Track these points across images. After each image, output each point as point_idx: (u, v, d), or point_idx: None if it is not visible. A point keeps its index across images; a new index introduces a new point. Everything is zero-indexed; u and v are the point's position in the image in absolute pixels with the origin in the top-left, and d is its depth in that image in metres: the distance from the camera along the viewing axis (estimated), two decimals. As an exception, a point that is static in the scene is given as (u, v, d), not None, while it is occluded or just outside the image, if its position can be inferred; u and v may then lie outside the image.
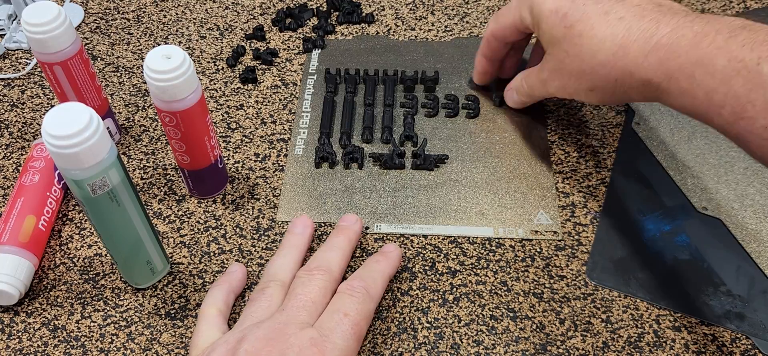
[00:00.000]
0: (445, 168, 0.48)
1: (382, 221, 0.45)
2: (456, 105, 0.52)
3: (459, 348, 0.39)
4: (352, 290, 0.37)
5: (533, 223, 0.45)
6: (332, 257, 0.39)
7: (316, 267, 0.38)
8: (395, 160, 0.48)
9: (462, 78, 0.55)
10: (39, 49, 0.42)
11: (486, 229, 0.44)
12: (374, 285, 0.38)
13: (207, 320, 0.37)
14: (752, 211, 0.45)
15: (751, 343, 0.39)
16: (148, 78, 0.39)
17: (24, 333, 0.40)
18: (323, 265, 0.38)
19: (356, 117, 0.52)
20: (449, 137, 0.50)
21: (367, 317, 0.37)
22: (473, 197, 0.46)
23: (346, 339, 0.34)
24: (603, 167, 0.48)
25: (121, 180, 0.35)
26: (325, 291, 0.37)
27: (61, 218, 0.46)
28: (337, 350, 0.33)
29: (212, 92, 0.55)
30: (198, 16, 0.62)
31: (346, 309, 0.35)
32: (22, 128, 0.53)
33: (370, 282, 0.38)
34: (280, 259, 0.40)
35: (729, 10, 0.60)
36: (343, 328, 0.34)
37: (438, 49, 0.57)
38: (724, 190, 0.46)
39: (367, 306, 0.37)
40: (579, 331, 0.40)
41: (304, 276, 0.38)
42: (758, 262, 0.42)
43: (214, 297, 0.39)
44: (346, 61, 0.57)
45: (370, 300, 0.37)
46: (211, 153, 0.44)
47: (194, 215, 0.46)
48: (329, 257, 0.39)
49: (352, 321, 0.35)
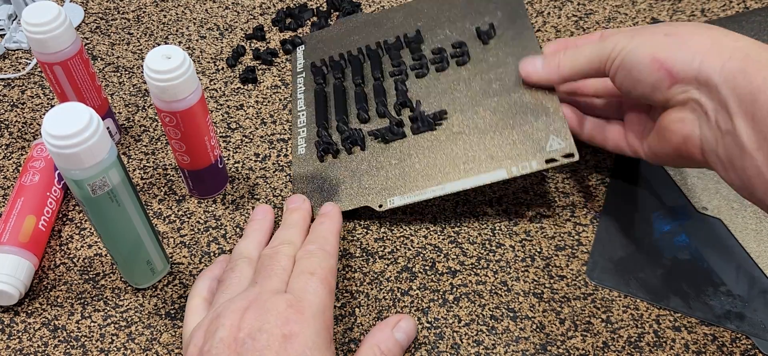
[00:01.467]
0: (446, 123, 0.46)
1: (394, 194, 0.44)
2: (444, 56, 0.50)
3: (459, 348, 0.39)
4: (310, 252, 0.38)
5: (546, 151, 0.42)
6: (292, 232, 0.40)
7: (280, 242, 0.39)
8: (394, 130, 0.46)
9: (445, 28, 0.52)
10: (39, 49, 0.42)
11: (499, 172, 0.42)
12: (327, 242, 0.39)
13: (190, 310, 0.38)
14: (752, 211, 0.45)
15: (751, 343, 0.39)
16: (148, 78, 0.39)
17: (24, 333, 0.40)
18: (285, 239, 0.39)
19: (349, 100, 0.50)
20: (444, 91, 0.48)
21: (332, 271, 0.37)
22: (480, 143, 0.44)
23: (318, 294, 0.35)
24: (603, 167, 0.48)
25: (121, 180, 0.35)
26: (291, 259, 0.38)
27: (61, 218, 0.46)
28: (314, 306, 0.34)
29: (212, 91, 0.55)
30: (198, 16, 0.62)
31: (310, 269, 0.36)
32: (22, 128, 0.53)
33: (323, 242, 0.39)
34: (245, 241, 0.41)
35: (729, 9, 0.60)
36: (313, 285, 0.35)
37: (417, 8, 0.55)
38: (724, 190, 0.46)
39: (328, 261, 0.37)
40: (579, 331, 0.40)
41: (270, 251, 0.38)
42: (758, 262, 0.42)
43: (197, 287, 0.39)
44: (329, 50, 0.55)
45: (329, 256, 0.38)
46: (211, 153, 0.44)
47: (194, 215, 0.46)
48: (290, 234, 0.40)
49: (319, 278, 0.36)
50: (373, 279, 0.42)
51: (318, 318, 0.34)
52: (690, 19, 0.60)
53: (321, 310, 0.34)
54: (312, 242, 0.39)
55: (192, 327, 0.36)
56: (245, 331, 0.32)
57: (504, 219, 0.46)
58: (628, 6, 0.61)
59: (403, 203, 0.44)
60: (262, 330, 0.32)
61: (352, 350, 0.39)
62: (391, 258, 0.44)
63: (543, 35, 0.59)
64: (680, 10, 0.61)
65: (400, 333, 0.38)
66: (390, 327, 0.38)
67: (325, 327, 0.34)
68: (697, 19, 0.60)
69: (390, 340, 0.37)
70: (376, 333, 0.37)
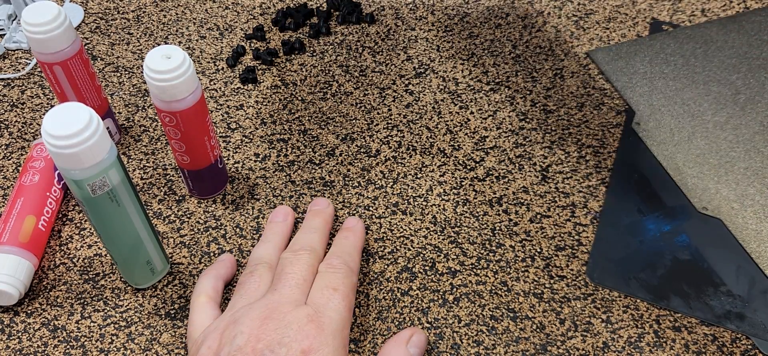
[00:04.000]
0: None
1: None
2: None
3: (459, 348, 0.39)
4: (334, 267, 0.38)
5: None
6: (313, 237, 0.40)
7: (300, 247, 0.39)
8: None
9: None
10: (39, 49, 0.42)
11: None
12: (351, 259, 0.39)
13: (197, 308, 0.37)
14: (752, 211, 0.45)
15: (751, 343, 0.39)
16: (148, 78, 0.39)
17: (24, 334, 0.40)
18: (306, 245, 0.39)
19: None
20: None
21: (353, 288, 0.38)
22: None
23: (339, 311, 0.35)
24: (603, 167, 0.48)
25: (121, 180, 0.35)
26: (312, 268, 0.38)
27: (61, 218, 0.46)
28: (334, 323, 0.34)
29: (212, 91, 0.55)
30: (198, 16, 0.62)
31: (334, 285, 0.36)
32: (22, 128, 0.53)
33: (347, 257, 0.39)
34: (264, 245, 0.41)
35: (729, 9, 0.60)
36: (335, 302, 0.35)
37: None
38: (724, 190, 0.46)
39: (351, 279, 0.38)
40: (579, 331, 0.40)
41: (290, 256, 0.38)
42: (758, 262, 0.42)
43: (202, 284, 0.39)
44: None
45: (352, 273, 0.38)
46: (211, 153, 0.44)
47: (194, 215, 0.46)
48: (311, 238, 0.40)
49: (341, 295, 0.36)
50: (373, 279, 0.42)
51: (337, 335, 0.34)
52: (690, 19, 0.60)
53: (340, 327, 0.34)
54: (336, 256, 0.39)
55: (200, 326, 0.36)
56: (264, 342, 0.32)
57: (504, 219, 0.46)
58: (629, 6, 0.61)
59: None
60: (281, 344, 0.32)
61: (352, 350, 0.39)
62: (391, 258, 0.43)
63: (543, 35, 0.59)
64: (680, 10, 0.61)
65: (414, 348, 0.37)
66: (404, 343, 0.37)
67: (343, 345, 0.34)
68: (697, 19, 0.60)
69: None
70: (390, 350, 0.37)
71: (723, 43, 0.57)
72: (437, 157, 0.50)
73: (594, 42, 0.58)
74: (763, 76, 0.54)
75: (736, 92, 0.53)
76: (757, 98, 0.52)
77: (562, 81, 0.55)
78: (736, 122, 0.51)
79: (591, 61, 0.56)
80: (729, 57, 0.56)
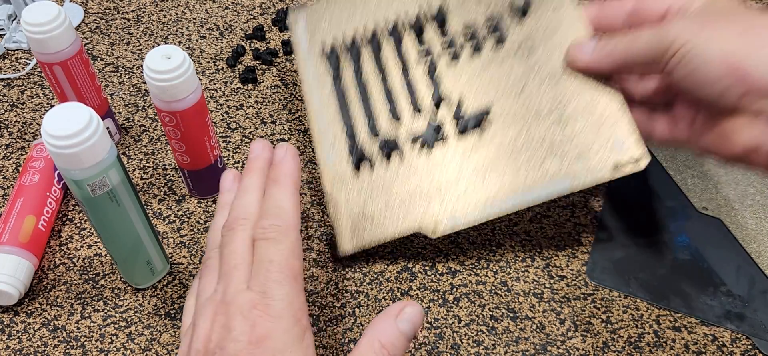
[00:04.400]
0: (491, 122, 0.41)
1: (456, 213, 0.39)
2: (478, 35, 0.43)
3: (459, 348, 0.39)
4: (265, 233, 0.34)
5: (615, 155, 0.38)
6: (248, 200, 0.36)
7: (234, 218, 0.35)
8: (435, 136, 0.41)
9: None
10: (39, 49, 0.42)
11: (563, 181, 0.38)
12: (282, 213, 0.34)
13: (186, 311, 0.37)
14: (752, 211, 0.45)
15: (751, 343, 0.39)
16: (148, 78, 0.39)
17: (24, 334, 0.40)
18: (241, 213, 0.35)
19: (374, 95, 0.43)
20: (482, 80, 0.42)
21: (293, 251, 0.33)
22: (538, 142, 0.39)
23: (281, 285, 0.32)
24: (603, 167, 0.48)
25: (121, 180, 0.35)
26: (249, 241, 0.34)
27: (61, 218, 0.46)
28: (279, 301, 0.31)
29: (212, 92, 0.55)
30: (198, 16, 0.62)
31: (269, 256, 0.33)
32: (22, 128, 0.53)
33: (276, 214, 0.34)
34: (214, 223, 0.38)
35: (729, 10, 0.60)
36: (274, 276, 0.32)
37: None
38: (724, 190, 0.46)
39: (287, 238, 0.33)
40: (579, 331, 0.40)
41: (226, 234, 0.35)
42: (758, 262, 0.42)
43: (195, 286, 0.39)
44: (338, 27, 0.46)
45: (287, 231, 0.34)
46: (211, 153, 0.44)
47: (194, 215, 0.46)
48: (245, 202, 0.36)
49: (279, 266, 0.32)
50: (373, 279, 0.42)
51: (285, 313, 0.31)
52: (690, 19, 0.60)
53: (288, 302, 0.32)
54: (265, 217, 0.34)
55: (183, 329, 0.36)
56: (214, 341, 0.31)
57: (504, 219, 0.46)
58: (628, 6, 0.61)
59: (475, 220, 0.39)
60: (229, 339, 0.31)
61: (352, 350, 0.39)
62: (391, 258, 0.43)
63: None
64: (680, 10, 0.61)
65: (405, 323, 0.33)
66: (393, 316, 0.33)
67: (294, 320, 0.31)
68: (697, 19, 0.60)
69: (393, 332, 0.33)
70: (378, 324, 0.33)
71: (723, 43, 0.57)
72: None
73: (594, 42, 0.58)
74: (763, 76, 0.54)
75: (736, 92, 0.53)
76: (757, 98, 0.52)
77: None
78: (736, 122, 0.51)
79: (591, 61, 0.56)
80: (729, 57, 0.56)
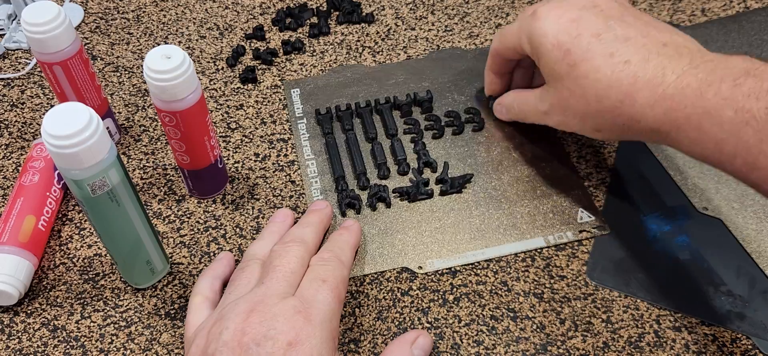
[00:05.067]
0: (472, 187, 0.47)
1: (433, 256, 0.43)
2: (459, 121, 0.51)
3: (459, 348, 0.39)
4: (324, 259, 0.38)
5: (578, 223, 0.44)
6: (306, 232, 0.40)
7: (291, 239, 0.39)
8: (421, 191, 0.46)
9: (454, 92, 0.53)
10: (39, 49, 0.42)
11: (537, 240, 0.44)
12: (343, 253, 0.39)
13: (192, 309, 0.37)
14: (752, 211, 0.45)
15: (751, 343, 0.39)
16: (148, 78, 0.39)
17: (24, 333, 0.40)
18: (297, 238, 0.39)
19: (364, 154, 0.49)
20: (463, 154, 0.49)
21: (343, 281, 0.37)
22: (511, 210, 0.45)
23: (327, 303, 0.34)
24: (603, 167, 0.48)
25: (121, 180, 0.35)
26: (301, 260, 0.37)
27: (61, 218, 0.46)
28: (322, 315, 0.33)
29: (212, 92, 0.55)
30: (198, 16, 0.62)
31: (323, 276, 0.36)
32: (22, 128, 0.53)
33: (339, 251, 0.39)
34: (260, 242, 0.41)
35: (729, 9, 0.60)
36: (324, 293, 0.35)
37: (417, 68, 0.55)
38: (725, 190, 0.46)
39: (342, 271, 0.37)
40: (579, 331, 0.40)
41: (280, 248, 0.38)
42: (758, 262, 0.42)
43: (199, 285, 0.39)
44: (328, 98, 0.53)
45: (343, 266, 0.38)
46: (211, 153, 0.44)
47: (194, 215, 0.46)
48: (303, 232, 0.40)
49: (330, 286, 0.35)
50: (373, 279, 0.42)
51: (325, 326, 0.33)
52: (690, 19, 0.60)
53: (328, 318, 0.34)
54: (328, 250, 0.39)
55: (194, 326, 0.36)
56: (250, 335, 0.32)
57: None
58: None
59: (444, 266, 0.43)
60: (267, 337, 0.32)
61: (352, 350, 0.39)
62: (391, 258, 0.43)
63: (543, 35, 0.59)
64: (680, 10, 0.61)
65: (418, 351, 0.37)
66: (409, 344, 0.37)
67: (331, 336, 0.34)
68: (697, 19, 0.60)
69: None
70: (395, 350, 0.37)
71: (723, 43, 0.57)
72: (437, 157, 0.50)
73: (594, 42, 0.58)
74: (763, 76, 0.54)
75: (736, 91, 0.53)
76: (757, 97, 0.52)
77: (562, 81, 0.55)
78: (736, 122, 0.51)
79: (591, 61, 0.56)
80: (729, 57, 0.56)
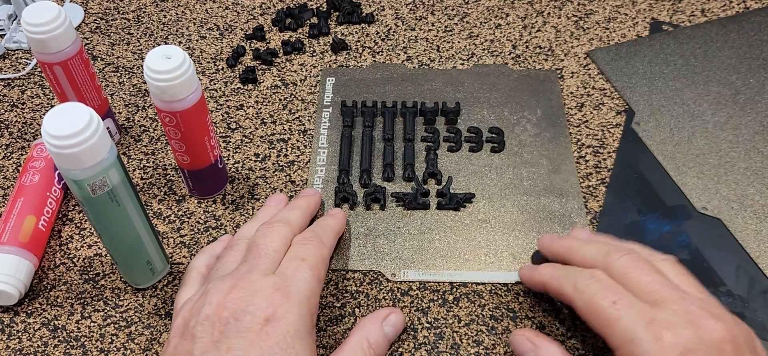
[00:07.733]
0: (471, 208, 0.45)
1: (409, 267, 0.43)
2: (480, 138, 0.50)
3: (459, 348, 0.39)
4: (306, 239, 0.38)
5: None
6: (292, 214, 0.41)
7: (276, 220, 0.39)
8: (419, 200, 0.45)
9: (484, 109, 0.52)
10: (39, 49, 0.42)
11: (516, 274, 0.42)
12: (325, 234, 0.39)
13: (185, 283, 0.38)
14: (752, 211, 0.45)
15: (751, 343, 0.39)
16: (148, 78, 0.39)
17: (24, 333, 0.40)
18: (282, 218, 0.39)
19: (375, 153, 0.49)
20: (474, 172, 0.48)
21: (323, 261, 0.37)
22: (503, 239, 0.44)
23: (306, 281, 0.35)
24: (603, 167, 0.48)
25: (121, 180, 0.35)
26: (284, 240, 0.38)
27: (61, 218, 0.46)
28: (300, 292, 0.34)
29: (212, 91, 0.55)
30: (198, 16, 0.62)
31: (302, 255, 0.36)
32: (22, 128, 0.53)
33: (321, 232, 0.39)
34: (251, 224, 0.41)
35: (729, 9, 0.60)
36: (303, 272, 0.35)
37: (457, 79, 0.55)
38: (724, 190, 0.46)
39: (321, 251, 0.38)
40: (579, 331, 0.40)
41: (265, 228, 0.38)
42: (758, 262, 0.42)
43: (196, 261, 0.40)
44: (361, 92, 0.54)
45: (323, 246, 0.38)
46: (211, 153, 0.44)
47: (194, 215, 0.46)
48: (289, 214, 0.40)
49: (309, 265, 0.36)
50: (373, 279, 0.42)
51: (303, 304, 0.34)
52: (690, 19, 0.60)
53: (307, 296, 0.34)
54: (310, 231, 0.39)
55: (183, 299, 0.36)
56: (229, 310, 0.32)
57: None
58: (628, 6, 0.61)
59: (417, 279, 0.42)
60: (245, 311, 0.32)
61: (340, 345, 0.39)
62: (391, 258, 0.44)
63: (543, 35, 0.59)
64: (680, 10, 0.61)
65: (389, 328, 0.38)
66: (380, 320, 0.38)
67: (309, 314, 0.34)
68: (697, 19, 0.60)
69: (379, 334, 0.37)
70: (366, 326, 0.37)
71: (723, 43, 0.57)
72: (437, 157, 0.50)
73: (594, 42, 0.58)
74: (763, 77, 0.54)
75: (736, 92, 0.53)
76: (757, 98, 0.52)
77: (562, 81, 0.55)
78: (736, 122, 0.51)
79: (591, 61, 0.56)
80: (729, 57, 0.56)
